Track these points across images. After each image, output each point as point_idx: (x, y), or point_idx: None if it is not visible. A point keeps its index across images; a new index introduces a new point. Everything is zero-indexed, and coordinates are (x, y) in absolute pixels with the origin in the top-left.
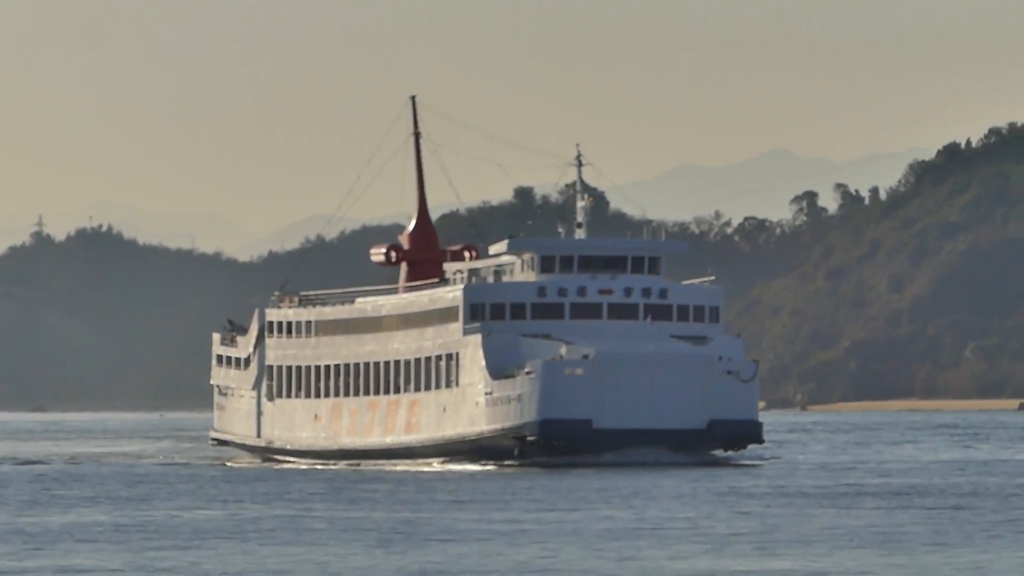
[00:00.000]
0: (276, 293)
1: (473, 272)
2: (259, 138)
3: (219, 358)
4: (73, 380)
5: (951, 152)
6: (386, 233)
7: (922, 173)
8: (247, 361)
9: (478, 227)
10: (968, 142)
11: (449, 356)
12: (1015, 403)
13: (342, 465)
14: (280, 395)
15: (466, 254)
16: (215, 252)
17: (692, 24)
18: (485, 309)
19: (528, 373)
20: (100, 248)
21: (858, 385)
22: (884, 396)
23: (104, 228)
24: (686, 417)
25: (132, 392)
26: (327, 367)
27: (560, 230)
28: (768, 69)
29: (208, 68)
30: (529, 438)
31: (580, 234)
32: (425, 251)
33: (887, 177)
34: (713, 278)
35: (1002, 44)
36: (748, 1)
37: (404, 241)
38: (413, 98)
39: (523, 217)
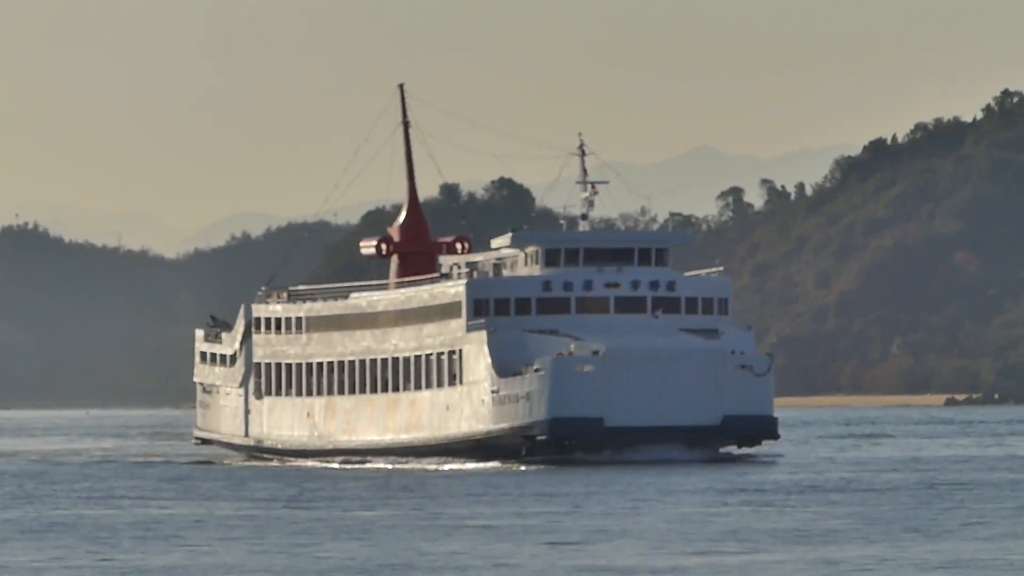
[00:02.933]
0: (263, 288)
1: (472, 266)
2: (190, 137)
3: (203, 355)
4: (0, 378)
5: (877, 148)
6: (311, 230)
7: (848, 169)
8: (233, 358)
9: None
10: (894, 138)
11: (452, 353)
12: (942, 398)
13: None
14: (269, 393)
15: (459, 246)
16: (141, 249)
17: (617, 22)
18: (489, 304)
19: (537, 370)
20: (26, 246)
21: (785, 381)
22: (811, 392)
23: (30, 226)
24: (700, 413)
25: (61, 390)
26: (320, 364)
27: (562, 223)
28: (694, 66)
29: (154, 63)
30: (539, 437)
31: (584, 226)
32: (417, 243)
33: (813, 173)
34: (721, 268)
35: (927, 41)
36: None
37: (394, 233)
38: (401, 86)
39: (451, 215)
